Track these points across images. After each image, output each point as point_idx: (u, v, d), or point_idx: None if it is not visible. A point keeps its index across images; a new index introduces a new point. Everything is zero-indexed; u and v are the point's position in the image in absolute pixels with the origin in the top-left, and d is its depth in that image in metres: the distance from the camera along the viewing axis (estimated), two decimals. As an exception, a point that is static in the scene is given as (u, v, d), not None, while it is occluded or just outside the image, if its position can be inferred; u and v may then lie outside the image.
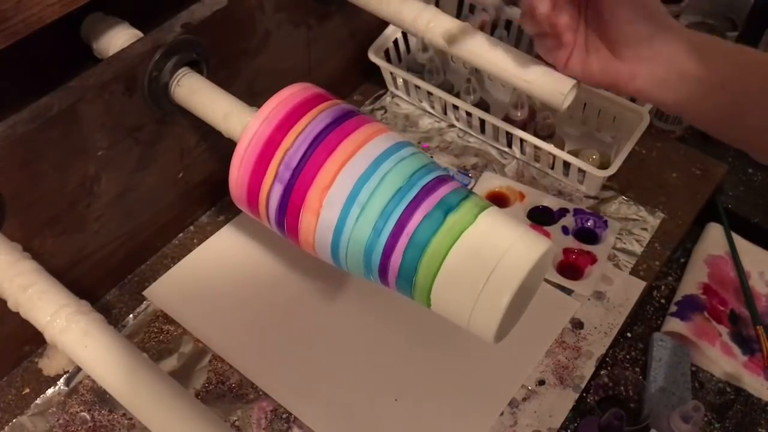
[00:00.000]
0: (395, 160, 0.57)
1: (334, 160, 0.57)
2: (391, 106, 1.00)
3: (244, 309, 0.78)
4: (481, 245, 0.53)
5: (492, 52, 0.71)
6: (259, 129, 0.59)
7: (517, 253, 0.53)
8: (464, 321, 0.55)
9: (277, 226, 0.61)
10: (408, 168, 0.57)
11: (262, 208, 0.60)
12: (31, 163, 0.62)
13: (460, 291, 0.54)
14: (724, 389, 0.76)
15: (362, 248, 0.57)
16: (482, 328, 0.54)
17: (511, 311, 0.54)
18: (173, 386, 0.51)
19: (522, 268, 0.52)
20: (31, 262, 0.57)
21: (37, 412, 0.70)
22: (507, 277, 0.52)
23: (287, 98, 0.60)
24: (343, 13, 0.89)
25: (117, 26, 0.69)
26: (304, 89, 0.62)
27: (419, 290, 0.56)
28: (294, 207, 0.58)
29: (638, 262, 0.83)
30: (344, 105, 0.62)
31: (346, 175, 0.56)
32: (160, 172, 0.76)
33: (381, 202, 0.56)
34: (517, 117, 0.91)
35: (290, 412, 0.71)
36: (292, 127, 0.58)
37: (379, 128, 0.60)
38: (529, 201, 0.88)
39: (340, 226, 0.56)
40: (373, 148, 0.57)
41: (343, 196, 0.56)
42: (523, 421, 0.71)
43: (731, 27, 1.04)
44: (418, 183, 0.56)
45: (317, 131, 0.58)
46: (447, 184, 0.57)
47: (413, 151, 0.59)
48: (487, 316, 0.53)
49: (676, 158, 0.94)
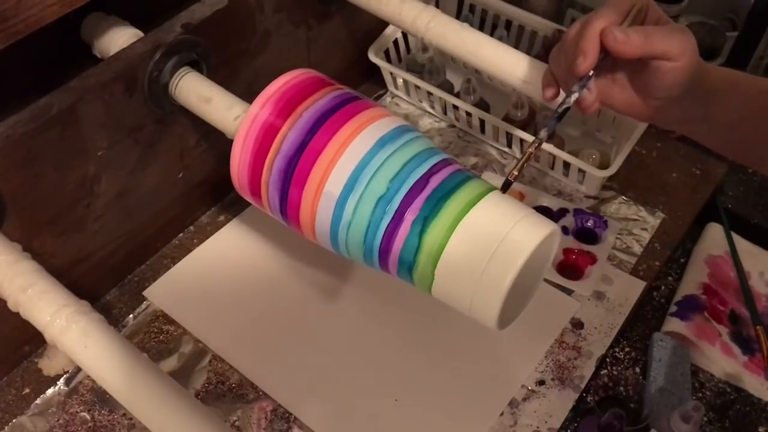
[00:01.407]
0: (398, 143, 0.56)
1: (336, 140, 0.56)
2: (391, 106, 1.00)
3: (244, 309, 0.78)
4: (482, 228, 0.52)
5: (492, 52, 0.71)
6: (260, 112, 0.58)
7: (519, 236, 0.52)
8: (466, 306, 0.54)
9: (279, 213, 0.60)
10: (410, 152, 0.56)
11: (263, 190, 0.59)
12: (31, 163, 0.62)
13: (461, 274, 0.52)
14: (724, 389, 0.76)
15: (362, 234, 0.56)
16: (484, 312, 0.53)
17: (513, 297, 0.52)
18: (173, 386, 0.51)
19: (523, 251, 0.51)
20: (31, 263, 0.57)
21: (37, 412, 0.70)
22: (508, 259, 0.51)
23: (289, 81, 0.59)
24: (343, 13, 0.89)
25: (117, 26, 0.69)
26: (307, 74, 0.61)
27: (419, 276, 0.55)
28: (295, 189, 0.57)
29: (638, 262, 0.83)
30: (348, 90, 0.61)
31: (347, 156, 0.55)
32: (160, 172, 0.76)
33: (382, 185, 0.55)
34: (517, 117, 0.91)
35: (290, 412, 0.71)
36: (294, 109, 0.58)
37: (382, 112, 0.59)
38: (529, 201, 0.88)
39: (339, 211, 0.56)
40: (375, 130, 0.56)
41: (344, 178, 0.55)
42: (523, 421, 0.71)
43: (731, 27, 1.04)
44: (420, 167, 0.55)
45: (320, 113, 0.57)
46: (450, 167, 0.56)
47: (416, 135, 0.58)
48: (488, 300, 0.52)
49: (676, 158, 0.94)
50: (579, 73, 0.56)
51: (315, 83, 0.60)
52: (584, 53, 0.56)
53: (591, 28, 0.56)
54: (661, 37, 0.55)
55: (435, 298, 0.56)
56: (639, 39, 0.54)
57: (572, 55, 0.57)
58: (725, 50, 1.01)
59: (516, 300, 0.55)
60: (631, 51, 0.55)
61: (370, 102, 0.60)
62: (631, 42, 0.54)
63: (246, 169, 0.59)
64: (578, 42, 0.56)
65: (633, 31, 0.55)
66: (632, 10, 0.57)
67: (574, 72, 0.57)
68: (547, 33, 0.95)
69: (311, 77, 0.60)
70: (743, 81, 0.60)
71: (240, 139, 0.58)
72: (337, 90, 0.60)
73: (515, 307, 0.56)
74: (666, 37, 0.55)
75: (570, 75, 0.58)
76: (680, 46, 0.55)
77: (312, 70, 0.62)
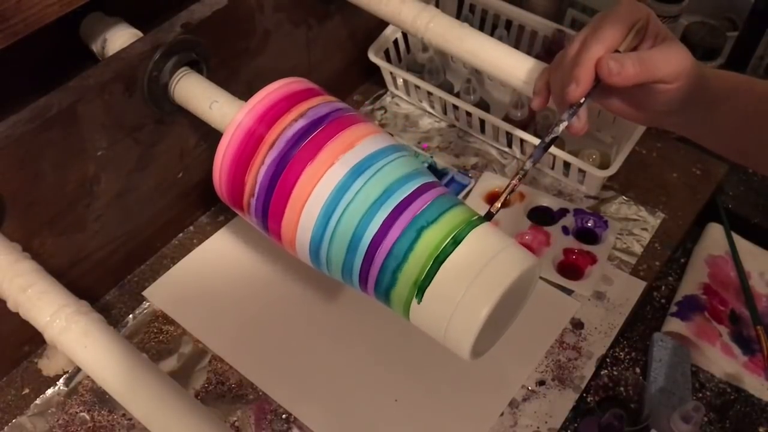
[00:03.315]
0: (377, 168, 0.55)
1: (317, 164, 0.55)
2: (391, 106, 1.00)
3: (244, 309, 0.78)
4: (461, 260, 0.52)
5: (492, 52, 0.71)
6: (243, 120, 0.58)
7: (497, 270, 0.51)
8: (440, 335, 0.53)
9: (260, 224, 0.60)
10: (389, 177, 0.55)
11: (246, 204, 0.59)
12: (31, 163, 0.62)
13: (437, 305, 0.52)
14: (724, 389, 0.76)
15: (341, 261, 0.56)
16: (457, 344, 0.52)
17: (489, 329, 0.52)
18: (173, 386, 0.51)
19: (500, 286, 0.50)
20: (31, 262, 0.57)
21: (36, 413, 0.70)
22: (483, 294, 0.50)
23: (274, 91, 0.59)
24: (343, 13, 0.89)
25: (117, 26, 0.69)
26: (294, 83, 0.61)
27: (396, 305, 0.55)
28: (276, 208, 0.57)
29: (638, 262, 0.83)
30: (334, 102, 0.60)
31: (331, 173, 0.55)
32: (159, 172, 0.76)
33: (357, 214, 0.54)
34: (517, 117, 0.91)
35: (290, 412, 0.71)
36: (276, 120, 0.57)
37: (369, 130, 0.58)
38: (529, 201, 0.88)
39: (318, 234, 0.56)
40: (354, 156, 0.56)
41: (325, 198, 0.55)
42: (523, 421, 0.71)
43: (731, 27, 1.04)
44: (396, 193, 0.55)
45: (302, 130, 0.57)
46: (429, 192, 0.55)
47: (399, 155, 0.58)
48: (462, 332, 0.51)
49: (676, 158, 0.94)
50: (570, 100, 0.56)
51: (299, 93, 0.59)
52: (577, 81, 0.55)
53: (588, 55, 0.55)
54: (657, 64, 0.54)
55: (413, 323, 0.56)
56: (634, 70, 0.54)
57: (567, 79, 0.56)
58: (725, 50, 1.01)
59: (491, 332, 0.54)
60: (625, 82, 0.54)
61: (354, 116, 0.59)
62: (626, 73, 0.54)
63: (226, 185, 0.60)
64: (573, 67, 0.56)
65: (629, 59, 0.54)
66: (634, 28, 0.56)
67: (566, 98, 0.56)
68: (547, 33, 0.95)
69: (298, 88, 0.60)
70: (743, 86, 0.60)
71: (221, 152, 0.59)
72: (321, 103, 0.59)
73: (491, 338, 0.55)
74: (662, 62, 0.54)
75: (563, 97, 0.57)
76: (676, 71, 0.54)
77: (301, 79, 0.62)
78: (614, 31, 0.55)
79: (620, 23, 0.56)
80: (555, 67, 0.60)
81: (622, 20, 0.56)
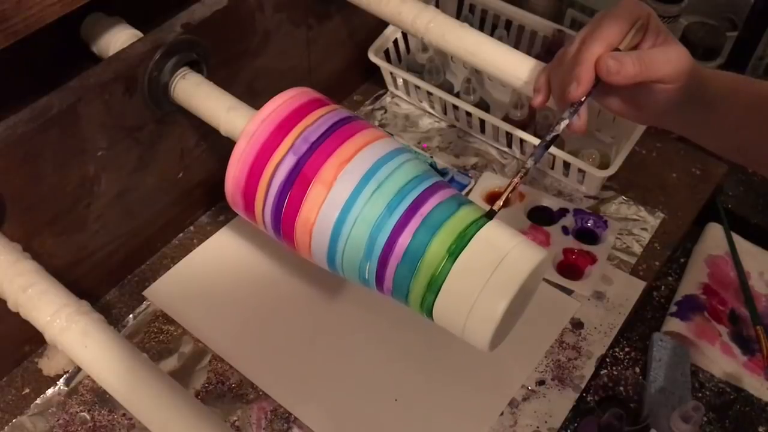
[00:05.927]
0: (390, 168, 0.57)
1: (332, 163, 0.56)
2: (391, 106, 1.00)
3: (244, 309, 0.78)
4: (475, 256, 0.53)
5: (492, 52, 0.71)
6: (258, 130, 0.59)
7: (511, 264, 0.52)
8: (459, 330, 0.55)
9: (273, 232, 0.61)
10: (403, 177, 0.57)
11: (258, 212, 0.60)
12: (31, 163, 0.62)
13: (454, 301, 0.54)
14: (724, 389, 0.76)
15: (356, 262, 0.57)
16: (476, 337, 0.54)
17: (505, 322, 0.53)
18: (173, 386, 0.51)
19: (516, 280, 0.52)
20: (31, 262, 0.57)
21: (37, 412, 0.70)
22: (500, 289, 0.52)
23: (287, 101, 0.60)
24: (343, 13, 0.89)
25: (117, 26, 0.69)
26: (304, 93, 0.62)
27: (413, 302, 0.56)
28: (290, 212, 0.58)
29: (638, 262, 0.83)
30: (342, 110, 0.61)
31: (342, 180, 0.56)
32: (160, 172, 0.76)
33: (375, 212, 0.55)
34: (517, 117, 0.91)
35: (290, 412, 0.71)
36: (291, 129, 0.58)
37: (377, 134, 0.59)
38: (529, 201, 0.88)
39: (336, 232, 0.57)
40: (370, 154, 0.57)
41: (340, 204, 0.56)
42: (523, 421, 0.71)
43: (731, 27, 1.04)
44: (411, 193, 0.56)
45: (316, 135, 0.58)
46: (439, 193, 0.57)
47: (409, 158, 0.59)
48: (481, 326, 0.53)
49: (676, 158, 0.94)
50: (571, 99, 0.56)
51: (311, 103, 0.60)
52: (578, 80, 0.55)
53: (588, 54, 0.55)
54: (657, 63, 0.54)
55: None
56: (633, 69, 0.54)
57: (567, 78, 0.56)
58: (725, 50, 1.01)
59: (506, 323, 0.55)
60: (624, 81, 0.54)
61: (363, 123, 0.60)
62: (625, 72, 0.54)
63: (240, 190, 0.60)
64: (574, 66, 0.56)
65: (628, 58, 0.54)
66: (634, 27, 0.56)
67: (567, 97, 0.56)
68: (547, 33, 0.95)
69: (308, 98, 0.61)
70: (742, 86, 0.60)
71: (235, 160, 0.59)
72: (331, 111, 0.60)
73: (506, 329, 0.57)
74: (662, 62, 0.54)
75: (563, 96, 0.57)
76: (676, 71, 0.55)
77: (308, 89, 0.62)
78: (615, 29, 0.55)
79: (621, 22, 0.56)
80: (555, 65, 0.60)
81: (622, 19, 0.56)
